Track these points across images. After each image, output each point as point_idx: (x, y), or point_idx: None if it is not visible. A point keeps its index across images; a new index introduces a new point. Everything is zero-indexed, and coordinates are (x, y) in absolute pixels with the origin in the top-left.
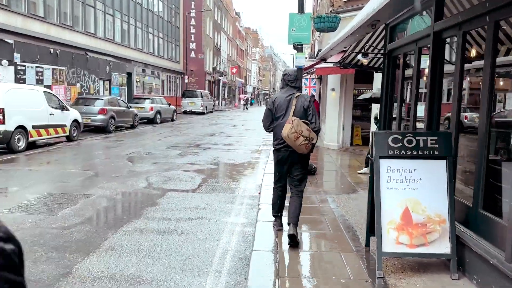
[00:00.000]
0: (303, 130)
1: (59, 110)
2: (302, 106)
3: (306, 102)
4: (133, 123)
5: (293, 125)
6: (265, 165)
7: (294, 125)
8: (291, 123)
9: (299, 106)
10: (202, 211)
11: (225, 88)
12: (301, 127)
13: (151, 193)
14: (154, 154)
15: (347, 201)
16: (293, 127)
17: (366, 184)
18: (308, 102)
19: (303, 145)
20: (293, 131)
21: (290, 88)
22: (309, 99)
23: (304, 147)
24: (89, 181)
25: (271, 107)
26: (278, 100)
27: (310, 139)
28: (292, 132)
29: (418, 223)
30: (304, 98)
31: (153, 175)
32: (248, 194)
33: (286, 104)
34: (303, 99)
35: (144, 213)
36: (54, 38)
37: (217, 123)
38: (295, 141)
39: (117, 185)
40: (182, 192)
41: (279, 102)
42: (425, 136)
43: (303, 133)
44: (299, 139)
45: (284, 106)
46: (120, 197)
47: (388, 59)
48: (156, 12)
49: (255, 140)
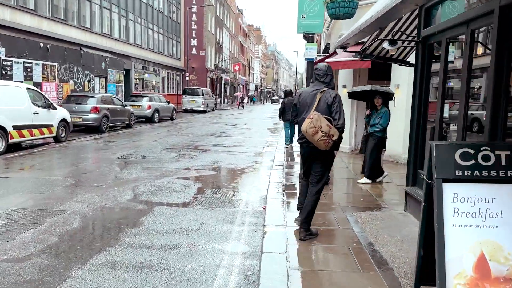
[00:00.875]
0: (323, 126)
1: (45, 109)
2: (325, 102)
3: (330, 98)
4: (129, 122)
5: (312, 120)
6: (270, 171)
7: (313, 120)
8: (310, 118)
9: (323, 101)
10: (194, 234)
11: (227, 86)
12: (320, 123)
13: (136, 208)
14: (147, 158)
15: (373, 222)
16: (312, 121)
17: (391, 198)
18: (333, 98)
19: (322, 141)
20: (312, 126)
21: (318, 82)
22: (334, 95)
23: (323, 143)
24: (66, 192)
25: (296, 101)
26: (303, 94)
27: (330, 135)
28: (310, 127)
29: (499, 276)
30: (329, 94)
31: (141, 184)
32: (251, 210)
33: (311, 99)
34: (328, 94)
35: (122, 237)
36: (45, 32)
37: (218, 122)
38: (313, 136)
39: (97, 197)
40: (173, 207)
41: (303, 97)
42: (509, 149)
43: (322, 129)
44: (317, 135)
45: (308, 101)
46: (97, 214)
47: (422, 48)
48: (156, 7)
49: (258, 141)
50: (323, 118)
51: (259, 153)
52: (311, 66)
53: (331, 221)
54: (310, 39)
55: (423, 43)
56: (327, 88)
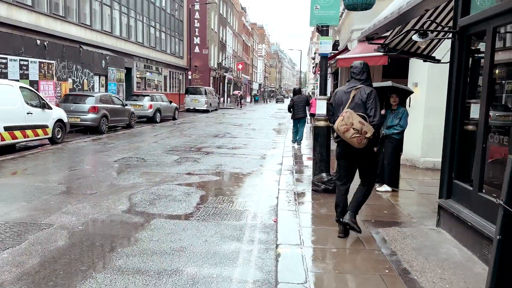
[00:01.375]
0: (354, 123)
1: (39, 109)
2: (360, 99)
3: (365, 95)
4: (129, 122)
5: (344, 117)
6: (279, 176)
7: (344, 118)
8: (342, 116)
9: (357, 98)
10: (196, 255)
11: (231, 85)
12: (352, 120)
13: (131, 221)
14: (147, 161)
15: (403, 241)
16: (343, 119)
17: (417, 210)
18: (367, 95)
19: (354, 138)
20: (343, 124)
21: (354, 80)
22: (369, 91)
23: (356, 141)
24: (55, 201)
25: (332, 100)
26: (338, 93)
27: (363, 132)
28: (341, 125)
29: None
30: (363, 91)
31: (139, 192)
32: (260, 223)
33: (345, 97)
34: (363, 91)
35: (113, 259)
36: (43, 29)
37: (222, 122)
38: (344, 134)
39: (88, 208)
40: (173, 220)
41: (338, 95)
42: None
43: (353, 126)
44: (348, 132)
45: (343, 99)
46: (87, 229)
47: (460, 40)
48: (159, 5)
49: (263, 142)
50: (356, 115)
51: (266, 155)
52: (325, 62)
53: (354, 239)
54: (325, 32)
55: (460, 34)
56: (362, 85)
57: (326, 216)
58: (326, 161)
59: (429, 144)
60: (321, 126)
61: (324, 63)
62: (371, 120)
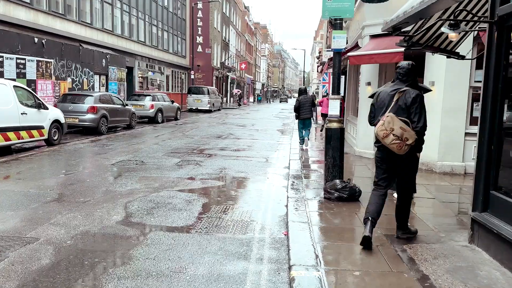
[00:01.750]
0: (395, 128)
1: (35, 109)
2: (404, 103)
3: (410, 99)
4: (130, 123)
5: (384, 121)
6: (287, 181)
7: (385, 122)
8: (383, 120)
9: (401, 102)
10: (197, 280)
11: (234, 85)
12: (393, 125)
13: (125, 234)
14: (146, 164)
15: (434, 262)
16: (383, 123)
17: (442, 222)
18: (412, 99)
19: (394, 144)
20: (383, 129)
21: (400, 82)
22: (414, 95)
23: (396, 147)
24: (44, 210)
25: (374, 102)
26: (381, 94)
27: (404, 139)
28: (381, 130)
29: None
30: (408, 94)
31: (136, 200)
32: (269, 236)
33: (388, 100)
34: (408, 95)
35: (102, 282)
36: (42, 26)
37: (225, 122)
38: (384, 139)
39: (80, 218)
40: (172, 233)
41: (381, 97)
42: None
43: (394, 132)
44: (388, 138)
45: (386, 102)
46: (76, 244)
47: (499, 31)
48: (161, 3)
49: (268, 144)
50: (398, 120)
51: (271, 158)
52: (338, 58)
53: (379, 259)
54: (338, 26)
55: (500, 24)
56: (408, 88)
57: (343, 229)
58: (340, 166)
59: (446, 147)
60: (334, 128)
61: (337, 59)
62: (414, 126)
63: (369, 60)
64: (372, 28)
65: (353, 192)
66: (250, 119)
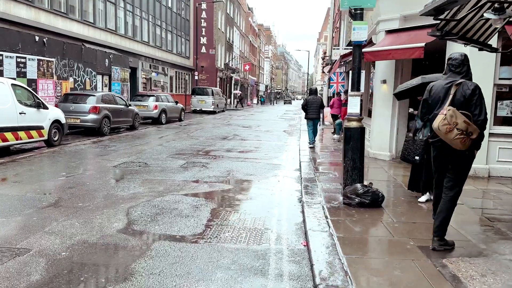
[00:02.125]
0: (459, 122)
1: (34, 109)
2: (462, 95)
3: (468, 91)
4: (133, 123)
5: (446, 116)
6: (299, 184)
7: (447, 116)
8: (444, 114)
9: (459, 95)
10: None
11: (238, 86)
12: (456, 119)
13: (127, 244)
14: (150, 166)
15: (483, 281)
16: (445, 118)
17: (477, 230)
18: (471, 91)
19: (458, 139)
20: (445, 123)
21: (453, 74)
22: (473, 87)
23: (459, 142)
24: (39, 217)
25: (427, 96)
26: (434, 88)
27: (468, 133)
28: (443, 124)
29: None
30: (466, 86)
31: (139, 205)
32: (287, 248)
33: (444, 93)
34: (465, 87)
35: None
36: (43, 25)
37: (230, 123)
38: (447, 135)
39: (77, 226)
40: (178, 243)
41: (435, 91)
42: None
43: (458, 126)
44: (452, 133)
45: (441, 95)
46: (71, 256)
47: None
48: (165, 3)
49: (275, 145)
50: (460, 113)
51: (280, 160)
52: (359, 51)
53: (418, 276)
54: (359, 16)
55: None
56: (464, 80)
57: (369, 240)
58: (360, 169)
59: None
60: (354, 127)
61: (358, 53)
62: (476, 119)
63: (386, 56)
64: (388, 23)
65: (375, 197)
66: (255, 120)
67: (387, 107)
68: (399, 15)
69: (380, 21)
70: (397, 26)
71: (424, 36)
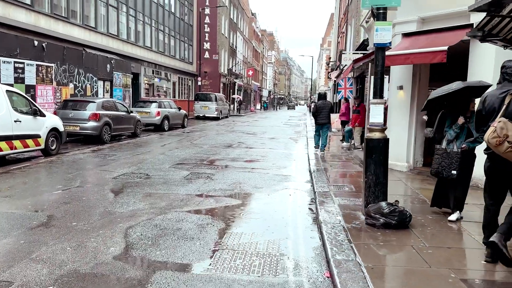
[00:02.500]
0: (510, 135)
1: (30, 116)
2: None
3: None
4: (134, 130)
5: (496, 128)
6: (312, 198)
7: (497, 128)
8: (494, 126)
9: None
10: None
11: (241, 92)
12: (507, 131)
13: (124, 276)
14: (151, 178)
15: None
16: (495, 130)
17: None
18: None
19: (510, 152)
20: (495, 136)
21: (508, 83)
22: None
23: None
24: (27, 239)
25: (480, 107)
26: (488, 98)
27: None
28: (493, 137)
29: None
30: None
31: (139, 224)
32: (308, 279)
33: (498, 103)
34: None
35: None
36: (43, 30)
37: (234, 130)
38: (497, 148)
39: (69, 251)
40: (183, 273)
41: (489, 101)
42: None
43: (508, 139)
44: (502, 146)
45: (496, 105)
46: None
47: None
48: (168, 8)
49: (283, 154)
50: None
51: (289, 170)
52: (382, 54)
53: None
54: (381, 16)
55: None
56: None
57: (405, 272)
58: (383, 184)
59: None
60: (377, 138)
61: (380, 56)
62: None
63: (404, 61)
64: (405, 26)
65: (403, 217)
66: (260, 126)
67: (404, 115)
68: (417, 17)
69: (396, 24)
70: (414, 29)
71: (444, 39)
